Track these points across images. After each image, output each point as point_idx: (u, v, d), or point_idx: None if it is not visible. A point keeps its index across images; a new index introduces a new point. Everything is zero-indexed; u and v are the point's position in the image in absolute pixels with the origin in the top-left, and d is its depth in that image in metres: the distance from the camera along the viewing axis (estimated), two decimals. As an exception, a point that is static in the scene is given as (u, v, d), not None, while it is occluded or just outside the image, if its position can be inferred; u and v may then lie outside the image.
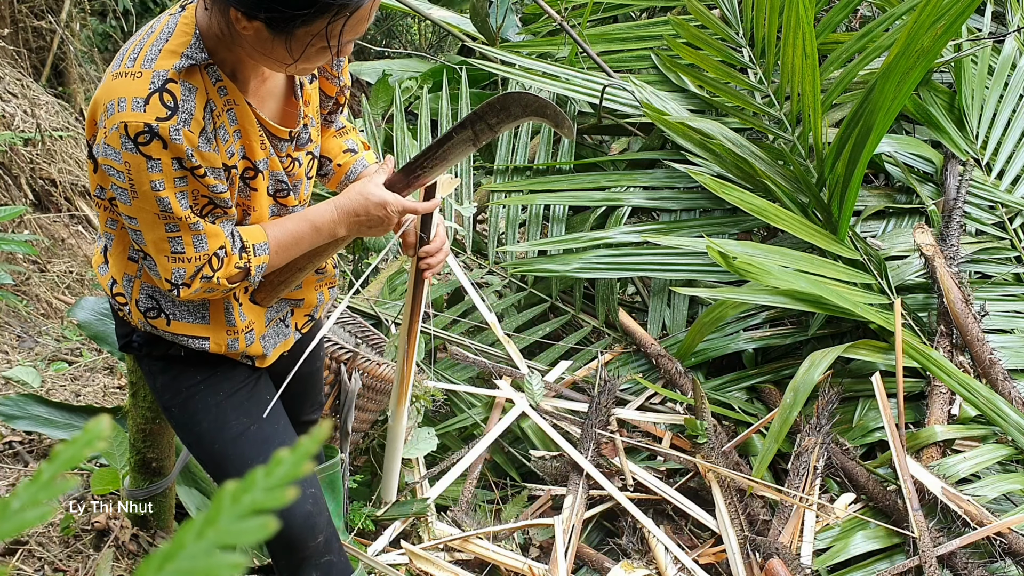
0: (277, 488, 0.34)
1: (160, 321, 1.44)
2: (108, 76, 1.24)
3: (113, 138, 1.20)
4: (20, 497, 0.36)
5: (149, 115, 1.19)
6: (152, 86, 1.20)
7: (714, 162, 2.83)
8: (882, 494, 2.17)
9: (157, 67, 1.21)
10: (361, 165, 1.63)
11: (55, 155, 3.75)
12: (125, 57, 1.24)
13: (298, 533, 1.56)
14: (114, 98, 1.20)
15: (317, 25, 1.20)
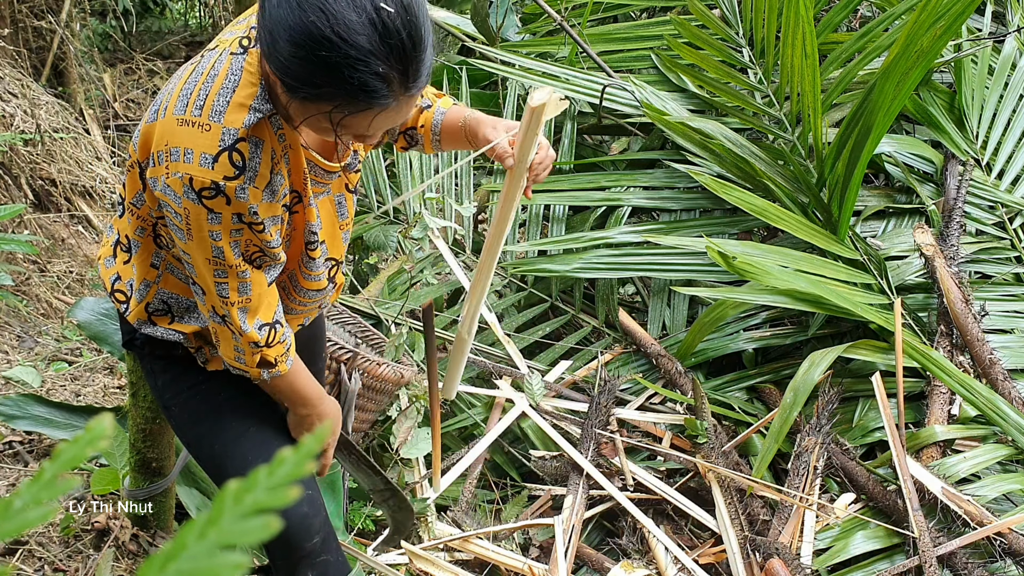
0: (279, 488, 0.34)
1: (164, 319, 1.45)
2: (172, 117, 1.21)
3: (175, 183, 1.20)
4: (22, 497, 0.36)
5: (217, 173, 1.19)
6: (222, 143, 1.18)
7: (714, 162, 2.83)
8: (882, 494, 2.17)
9: (227, 122, 1.19)
10: (439, 114, 1.57)
11: (55, 155, 3.75)
12: (191, 103, 1.20)
13: (293, 535, 1.56)
14: (180, 146, 1.19)
15: (321, 105, 1.15)
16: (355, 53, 1.07)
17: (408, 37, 1.10)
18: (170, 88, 1.26)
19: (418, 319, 2.96)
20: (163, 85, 1.39)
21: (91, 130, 4.43)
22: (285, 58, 1.10)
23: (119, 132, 4.99)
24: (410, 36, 1.10)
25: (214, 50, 1.26)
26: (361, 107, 1.13)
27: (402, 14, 1.09)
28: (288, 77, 1.12)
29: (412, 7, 1.11)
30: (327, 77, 1.10)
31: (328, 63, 1.08)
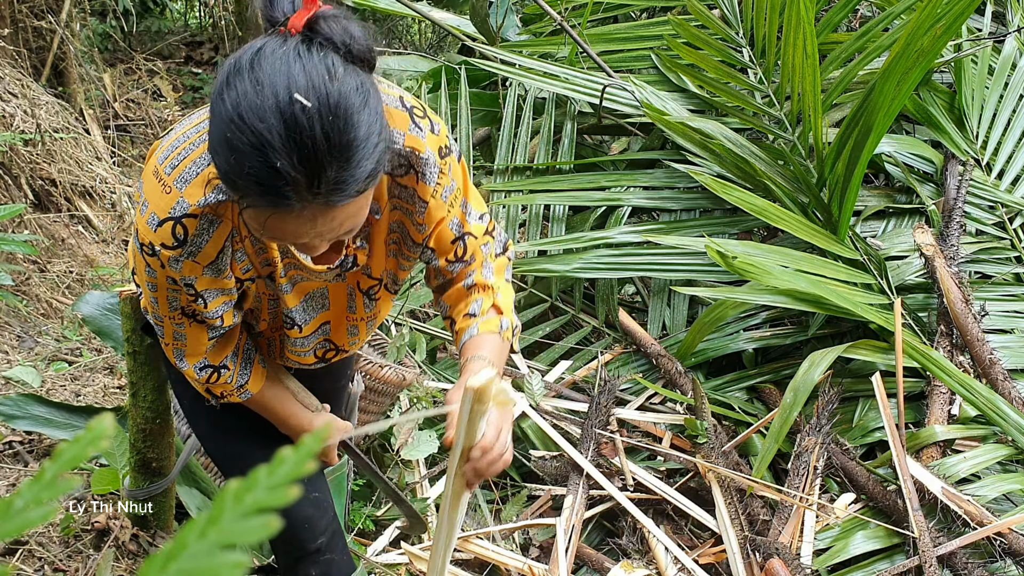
0: (280, 487, 0.34)
1: None
2: (155, 160, 1.19)
3: (137, 220, 1.22)
4: (23, 496, 0.36)
5: (156, 237, 1.18)
6: (171, 212, 1.16)
7: (714, 162, 2.83)
8: (882, 494, 2.17)
9: (186, 194, 1.16)
10: (469, 335, 1.38)
11: (55, 155, 3.75)
12: (171, 156, 1.17)
13: (297, 535, 1.57)
14: (145, 194, 1.19)
15: (235, 196, 1.08)
16: (252, 139, 0.98)
17: (323, 138, 0.98)
18: (185, 121, 1.23)
19: (419, 319, 2.96)
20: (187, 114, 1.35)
21: (91, 130, 4.43)
22: (211, 134, 1.04)
23: (119, 132, 4.99)
24: (326, 138, 0.98)
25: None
26: (261, 204, 1.03)
27: (323, 113, 0.98)
28: (213, 155, 1.06)
29: (343, 111, 1.00)
30: (230, 160, 1.01)
31: (231, 145, 1.00)
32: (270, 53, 1.00)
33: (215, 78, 1.08)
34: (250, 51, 1.02)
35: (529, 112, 3.19)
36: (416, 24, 7.58)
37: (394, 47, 7.13)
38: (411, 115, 1.25)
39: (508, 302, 1.44)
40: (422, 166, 1.26)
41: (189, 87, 6.33)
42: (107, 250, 3.82)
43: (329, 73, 1.01)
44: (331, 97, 0.99)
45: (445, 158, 1.29)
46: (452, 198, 1.34)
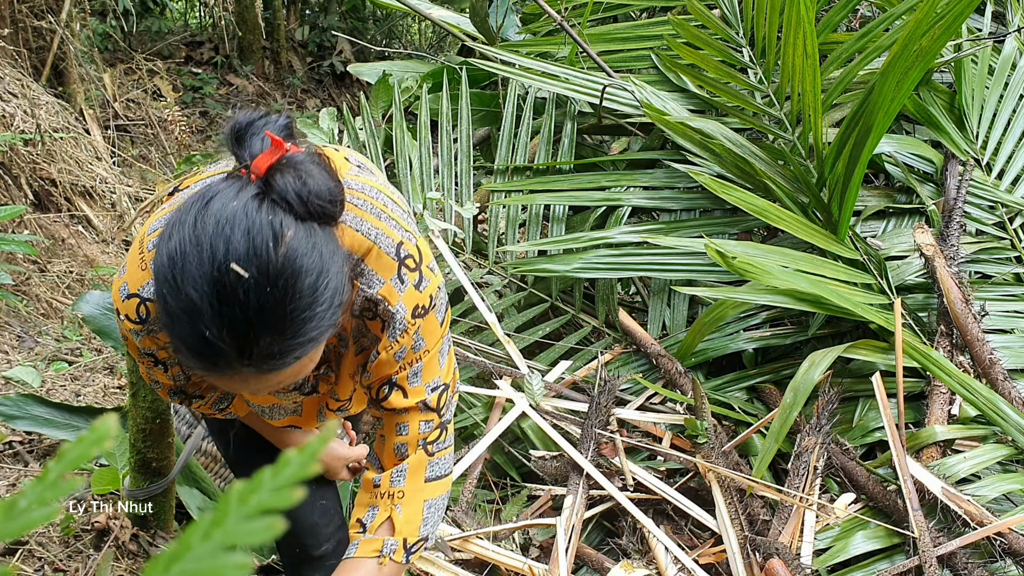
0: (284, 489, 0.34)
1: None
2: (147, 228, 1.17)
3: (115, 279, 1.23)
4: (27, 497, 0.36)
5: (122, 307, 1.18)
6: (141, 291, 1.15)
7: (714, 162, 2.83)
8: (882, 494, 2.17)
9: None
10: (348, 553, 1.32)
11: (55, 155, 3.75)
12: (159, 229, 1.07)
13: (302, 539, 1.58)
14: (129, 256, 1.19)
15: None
16: (184, 305, 0.95)
17: (257, 310, 0.94)
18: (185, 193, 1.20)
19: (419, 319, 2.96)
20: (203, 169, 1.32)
21: (91, 130, 4.43)
22: (154, 273, 1.01)
23: (119, 132, 4.99)
24: (261, 310, 0.95)
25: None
26: (191, 364, 1.01)
27: (260, 284, 0.94)
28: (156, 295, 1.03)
29: (283, 281, 0.95)
30: (162, 313, 0.99)
31: (165, 302, 0.98)
32: (220, 206, 0.96)
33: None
34: (202, 197, 0.98)
35: (529, 112, 3.19)
36: (416, 24, 7.58)
37: (394, 47, 7.14)
38: (401, 265, 1.19)
39: (412, 512, 1.30)
40: (389, 318, 1.21)
41: (189, 87, 6.33)
42: (107, 250, 3.83)
43: (276, 238, 0.95)
44: (272, 266, 0.95)
45: (418, 318, 1.23)
46: (407, 360, 1.26)
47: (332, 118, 3.33)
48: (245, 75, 6.62)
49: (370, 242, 1.17)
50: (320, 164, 1.03)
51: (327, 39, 6.99)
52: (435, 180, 3.18)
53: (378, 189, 1.24)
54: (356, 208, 1.17)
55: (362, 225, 1.17)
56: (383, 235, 1.17)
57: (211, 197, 0.98)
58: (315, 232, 1.00)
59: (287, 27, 6.96)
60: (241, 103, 6.43)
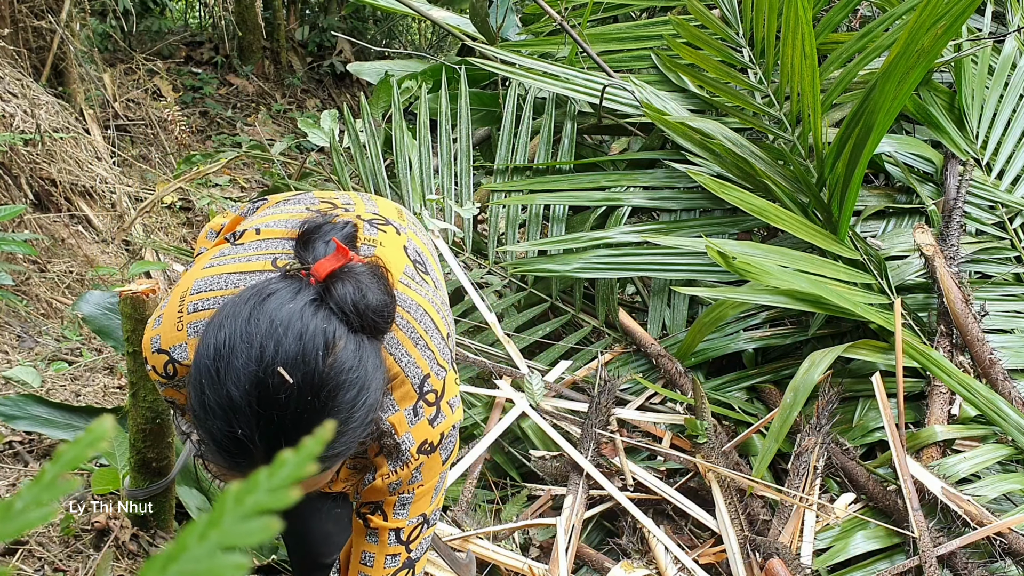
0: (281, 489, 0.34)
1: None
2: (191, 282, 1.14)
3: (148, 325, 1.19)
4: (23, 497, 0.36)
5: (151, 358, 1.16)
6: (171, 351, 1.13)
7: (714, 162, 2.83)
8: (882, 494, 2.17)
9: (190, 344, 1.12)
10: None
11: (55, 155, 3.75)
12: (201, 295, 1.11)
13: (314, 548, 1.58)
14: (167, 306, 1.16)
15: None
16: (223, 401, 0.95)
17: (295, 418, 0.94)
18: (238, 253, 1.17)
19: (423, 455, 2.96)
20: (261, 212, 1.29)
21: (91, 130, 4.43)
22: (193, 364, 1.01)
23: (119, 132, 4.99)
24: (298, 418, 0.95)
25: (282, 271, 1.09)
26: (216, 459, 1.01)
27: (303, 392, 0.94)
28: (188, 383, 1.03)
29: (326, 392, 0.96)
30: (198, 407, 0.98)
31: (201, 394, 0.97)
32: (276, 306, 0.96)
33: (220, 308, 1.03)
34: (259, 292, 0.99)
35: (529, 112, 3.19)
36: (416, 24, 7.58)
37: (394, 47, 7.14)
38: (420, 399, 1.17)
39: None
40: (393, 447, 1.18)
41: (189, 87, 6.33)
42: (107, 250, 3.83)
43: (326, 347, 0.96)
44: (318, 375, 0.95)
45: (422, 454, 1.20)
46: (400, 490, 1.24)
47: (333, 119, 3.33)
48: (245, 75, 6.62)
49: (399, 368, 1.15)
50: (378, 276, 1.03)
51: (327, 39, 6.99)
52: (435, 180, 3.18)
53: (425, 310, 1.20)
54: (397, 329, 1.14)
55: (396, 349, 1.15)
56: (413, 364, 1.15)
57: (268, 294, 0.98)
58: (364, 346, 1.00)
59: (287, 27, 6.96)
60: (241, 103, 6.44)
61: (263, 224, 1.21)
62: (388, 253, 1.20)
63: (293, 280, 1.00)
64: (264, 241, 1.18)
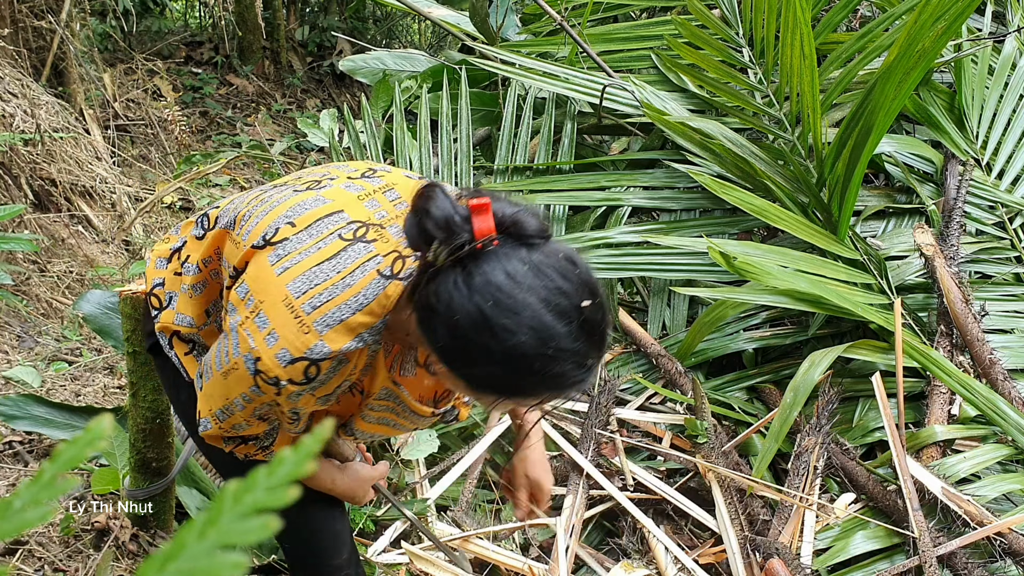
0: (279, 488, 0.34)
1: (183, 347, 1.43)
2: (284, 289, 1.13)
3: (244, 342, 1.16)
4: (22, 497, 0.36)
5: (284, 374, 1.14)
6: (308, 353, 1.13)
7: (714, 162, 2.83)
8: (882, 494, 2.17)
9: (327, 339, 1.12)
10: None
11: (55, 155, 3.75)
12: (309, 294, 1.12)
13: (325, 549, 1.57)
14: (272, 322, 1.13)
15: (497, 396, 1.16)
16: (568, 358, 1.07)
17: (606, 321, 1.11)
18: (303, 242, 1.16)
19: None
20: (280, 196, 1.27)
21: (91, 130, 4.43)
22: (481, 375, 1.11)
23: (119, 132, 4.99)
24: (604, 317, 1.11)
25: (366, 237, 1.15)
26: (552, 397, 1.15)
27: (597, 302, 1.10)
28: (477, 384, 1.13)
29: (598, 287, 1.12)
30: (542, 380, 1.09)
31: (545, 367, 1.07)
32: (522, 276, 1.07)
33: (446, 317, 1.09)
34: (498, 287, 1.06)
35: (529, 112, 3.19)
36: (416, 24, 7.58)
37: (394, 47, 7.13)
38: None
39: None
40: None
41: (189, 87, 6.33)
42: (107, 250, 3.83)
43: (572, 260, 1.11)
44: (589, 281, 1.11)
45: None
46: None
47: (333, 118, 3.33)
48: (245, 75, 6.63)
49: None
50: (497, 198, 1.13)
51: (327, 39, 6.99)
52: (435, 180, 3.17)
53: None
54: None
55: None
56: None
57: (501, 282, 1.06)
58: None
59: (287, 27, 6.96)
60: (241, 103, 6.44)
61: (286, 219, 1.20)
62: (402, 184, 1.28)
63: (488, 257, 1.08)
64: (310, 228, 1.18)
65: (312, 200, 1.21)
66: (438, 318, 1.10)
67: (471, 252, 1.08)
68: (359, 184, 1.27)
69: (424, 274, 1.12)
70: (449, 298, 1.08)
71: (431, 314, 1.11)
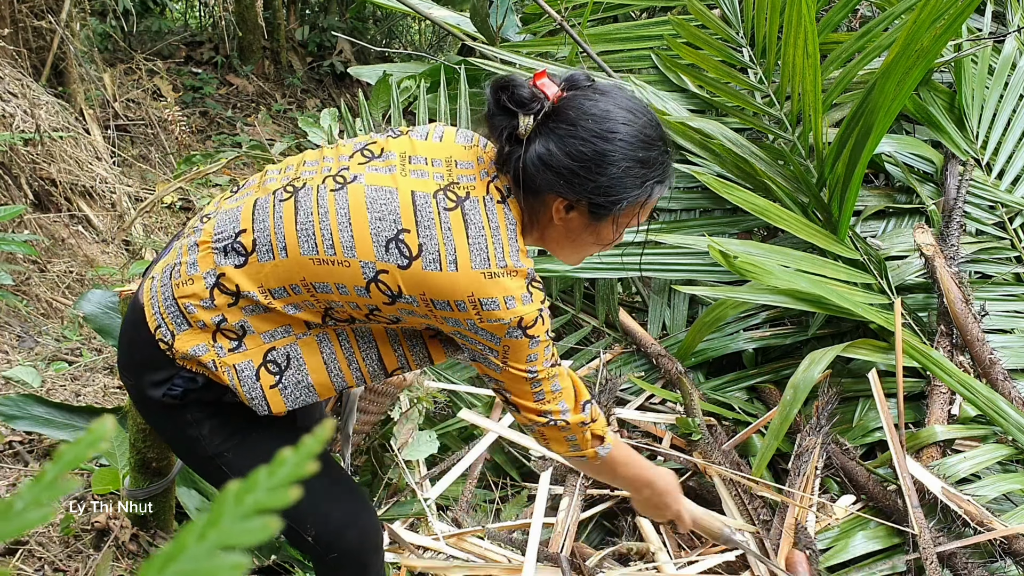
0: (280, 488, 0.34)
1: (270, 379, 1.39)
2: (476, 273, 1.29)
3: (495, 328, 1.31)
4: (23, 498, 0.36)
5: (534, 305, 1.32)
6: (527, 280, 1.33)
7: (714, 162, 2.83)
8: (882, 494, 2.17)
9: (523, 262, 1.33)
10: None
11: (55, 155, 3.75)
12: (486, 252, 1.30)
13: (372, 544, 1.56)
14: (497, 296, 1.30)
15: (634, 208, 1.37)
16: (660, 146, 1.35)
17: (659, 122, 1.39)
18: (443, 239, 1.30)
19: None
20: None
21: (91, 130, 4.43)
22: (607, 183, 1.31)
23: (119, 132, 4.99)
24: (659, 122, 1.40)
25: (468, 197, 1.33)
26: (659, 185, 1.37)
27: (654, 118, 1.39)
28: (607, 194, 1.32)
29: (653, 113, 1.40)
30: (646, 172, 1.33)
31: (647, 161, 1.33)
32: (597, 99, 1.33)
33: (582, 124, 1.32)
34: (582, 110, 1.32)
35: (529, 112, 3.19)
36: (416, 24, 7.58)
37: (394, 47, 7.13)
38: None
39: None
40: None
41: (189, 87, 6.33)
42: (107, 250, 3.83)
43: (618, 86, 1.39)
44: (636, 98, 1.39)
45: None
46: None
47: (333, 118, 3.33)
48: (245, 75, 6.63)
49: None
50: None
51: (327, 39, 6.99)
52: (435, 180, 3.17)
53: None
54: None
55: None
56: None
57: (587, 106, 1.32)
58: None
59: (287, 27, 6.96)
60: (241, 103, 6.44)
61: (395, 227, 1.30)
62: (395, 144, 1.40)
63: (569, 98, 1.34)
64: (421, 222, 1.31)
65: (386, 197, 1.32)
66: (555, 159, 1.30)
67: (553, 109, 1.32)
68: (381, 165, 1.37)
69: (518, 155, 1.32)
70: (556, 139, 1.30)
71: (547, 167, 1.31)
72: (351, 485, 1.61)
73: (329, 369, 1.41)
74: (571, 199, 1.34)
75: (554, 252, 1.49)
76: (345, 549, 1.54)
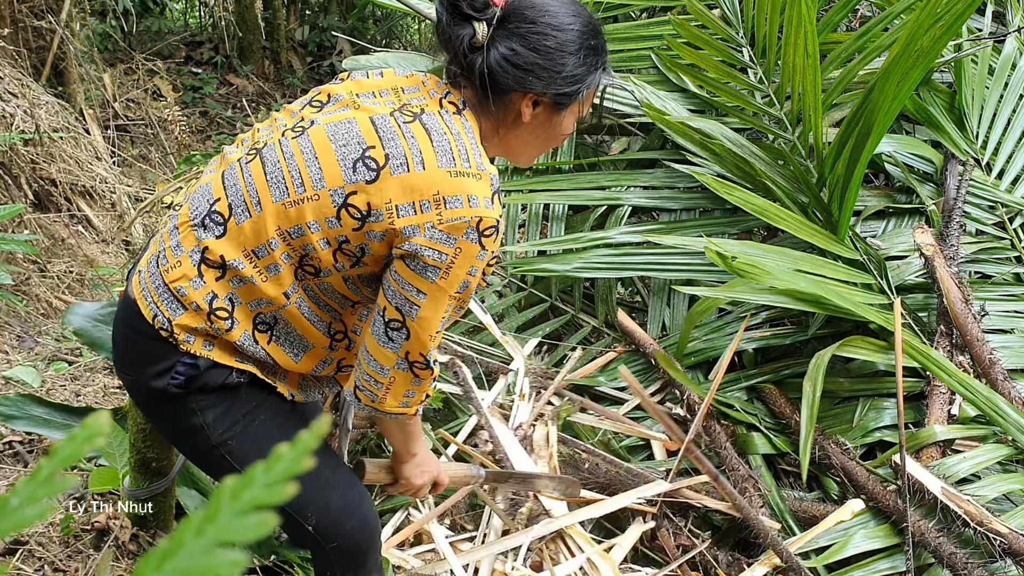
0: (277, 484, 0.34)
1: (264, 336, 1.44)
2: (442, 171, 1.33)
3: (454, 227, 1.32)
4: (19, 494, 0.35)
5: (495, 212, 1.36)
6: (492, 187, 1.37)
7: (714, 162, 2.83)
8: (882, 494, 2.17)
9: (488, 170, 1.37)
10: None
11: (55, 155, 3.75)
12: (455, 152, 1.35)
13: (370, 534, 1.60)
14: (461, 194, 1.33)
15: (588, 94, 1.49)
16: (602, 33, 1.48)
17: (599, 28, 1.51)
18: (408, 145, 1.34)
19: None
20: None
21: (91, 130, 4.43)
22: (568, 73, 1.42)
23: (119, 132, 4.99)
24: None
25: (423, 112, 1.40)
26: (603, 69, 1.50)
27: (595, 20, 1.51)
28: (568, 84, 1.43)
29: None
30: (595, 59, 1.46)
31: (596, 48, 1.46)
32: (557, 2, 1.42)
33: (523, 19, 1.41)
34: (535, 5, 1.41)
35: (529, 112, 3.19)
36: (416, 24, 7.58)
37: (394, 47, 7.14)
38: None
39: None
40: None
41: (189, 87, 6.33)
42: (107, 250, 3.83)
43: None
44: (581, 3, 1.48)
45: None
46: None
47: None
48: (245, 75, 6.63)
49: None
50: None
51: (327, 39, 6.99)
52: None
53: None
54: None
55: None
56: None
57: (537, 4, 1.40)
58: None
59: (287, 27, 6.96)
60: (241, 103, 6.43)
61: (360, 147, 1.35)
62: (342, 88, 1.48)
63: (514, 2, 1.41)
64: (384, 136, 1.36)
65: (346, 127, 1.37)
66: (521, 56, 1.38)
67: (504, 13, 1.39)
68: (334, 108, 1.43)
69: (481, 60, 1.39)
70: (518, 37, 1.38)
71: (513, 65, 1.38)
72: (350, 476, 1.62)
73: (311, 321, 1.46)
74: (538, 93, 1.41)
75: (515, 155, 1.54)
76: (345, 538, 1.56)
